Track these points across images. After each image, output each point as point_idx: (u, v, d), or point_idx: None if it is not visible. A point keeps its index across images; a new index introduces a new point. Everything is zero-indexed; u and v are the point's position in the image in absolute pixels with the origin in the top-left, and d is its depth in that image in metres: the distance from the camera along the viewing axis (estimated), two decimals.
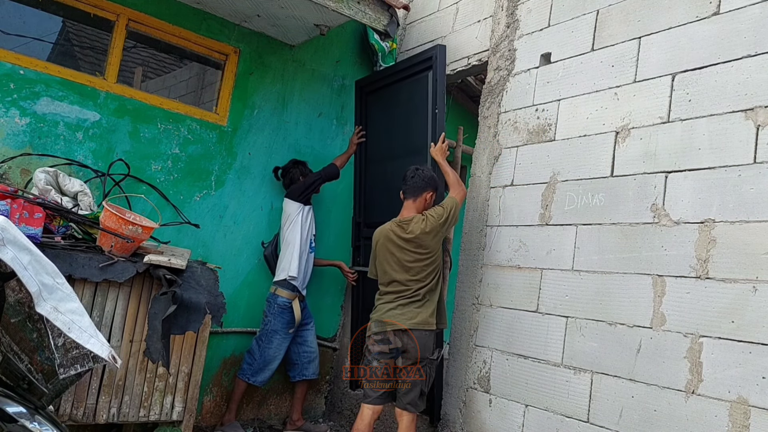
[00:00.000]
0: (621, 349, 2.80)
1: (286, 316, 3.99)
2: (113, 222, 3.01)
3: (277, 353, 4.00)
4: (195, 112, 4.07)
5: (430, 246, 3.29)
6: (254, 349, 4.03)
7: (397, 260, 3.29)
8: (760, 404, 2.31)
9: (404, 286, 3.27)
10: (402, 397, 3.25)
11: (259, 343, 4.02)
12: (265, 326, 4.01)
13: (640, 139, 2.91)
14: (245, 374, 4.02)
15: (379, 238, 3.40)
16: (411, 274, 3.27)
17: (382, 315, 3.28)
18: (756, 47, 2.55)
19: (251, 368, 4.00)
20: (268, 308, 4.03)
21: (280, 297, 3.99)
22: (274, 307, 3.99)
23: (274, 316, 3.99)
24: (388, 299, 3.31)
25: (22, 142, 3.45)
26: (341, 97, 4.74)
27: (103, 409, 3.01)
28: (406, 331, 3.20)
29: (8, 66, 3.40)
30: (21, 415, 2.03)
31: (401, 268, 3.28)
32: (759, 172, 2.46)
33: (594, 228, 3.04)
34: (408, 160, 3.85)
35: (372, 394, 3.28)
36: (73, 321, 2.11)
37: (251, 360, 4.02)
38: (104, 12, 3.74)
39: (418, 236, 3.26)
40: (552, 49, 3.47)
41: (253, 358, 4.02)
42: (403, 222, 3.35)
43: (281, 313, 3.98)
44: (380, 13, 3.96)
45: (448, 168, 3.61)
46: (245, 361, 4.06)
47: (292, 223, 4.06)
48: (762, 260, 2.40)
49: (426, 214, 3.35)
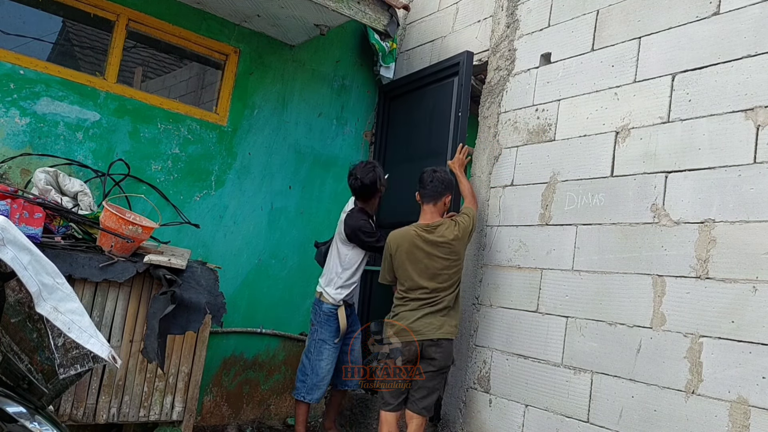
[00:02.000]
0: (621, 349, 2.80)
1: (333, 324, 3.75)
2: (113, 222, 3.01)
3: (330, 365, 3.74)
4: (195, 112, 4.07)
5: (460, 253, 3.28)
6: (305, 364, 3.77)
7: (425, 267, 3.22)
8: (760, 404, 2.31)
9: (431, 294, 3.20)
10: (418, 401, 3.22)
11: (308, 357, 3.76)
12: (313, 336, 3.76)
13: (640, 139, 2.91)
14: (300, 393, 3.75)
15: (400, 243, 3.29)
16: (438, 281, 3.21)
17: (409, 323, 3.19)
18: (756, 47, 2.55)
19: (305, 386, 3.73)
20: (314, 316, 3.80)
21: (326, 304, 3.75)
22: (320, 315, 3.76)
23: (320, 325, 3.74)
24: (413, 306, 3.22)
25: (22, 142, 3.45)
26: (341, 97, 4.74)
27: (103, 409, 3.01)
28: (433, 340, 3.16)
29: (8, 66, 3.40)
30: (21, 415, 2.03)
31: (429, 275, 3.21)
32: (759, 172, 2.46)
33: (594, 228, 3.04)
34: (427, 162, 3.93)
35: (392, 401, 3.23)
36: (73, 321, 2.11)
37: (303, 377, 3.75)
38: (104, 12, 3.74)
39: (450, 242, 3.23)
40: (552, 49, 3.47)
41: (305, 374, 3.74)
42: (430, 227, 3.28)
43: (327, 321, 3.74)
44: (380, 13, 3.97)
45: (465, 180, 3.63)
46: (298, 378, 3.80)
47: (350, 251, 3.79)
48: (762, 260, 2.39)
49: (455, 219, 3.32)
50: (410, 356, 3.19)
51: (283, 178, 4.42)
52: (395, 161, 4.52)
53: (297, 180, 4.49)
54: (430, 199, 3.36)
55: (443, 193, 3.37)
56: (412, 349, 3.17)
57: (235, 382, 4.24)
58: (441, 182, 3.37)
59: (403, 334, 3.20)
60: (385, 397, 3.27)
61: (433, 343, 3.17)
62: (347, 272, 3.76)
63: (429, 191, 3.36)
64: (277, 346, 4.43)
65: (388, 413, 3.24)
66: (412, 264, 3.24)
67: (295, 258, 4.48)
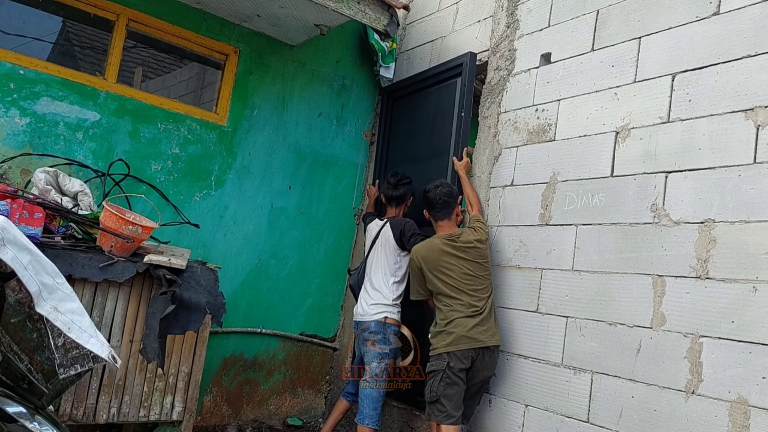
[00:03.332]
0: (621, 349, 2.80)
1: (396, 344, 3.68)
2: (113, 222, 3.01)
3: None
4: (195, 112, 4.07)
5: (487, 256, 3.31)
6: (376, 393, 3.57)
7: (463, 272, 3.20)
8: (760, 404, 2.31)
9: (476, 300, 3.17)
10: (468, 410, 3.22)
11: (378, 384, 3.57)
12: (382, 361, 3.59)
13: (640, 139, 2.91)
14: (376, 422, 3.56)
15: (427, 255, 3.27)
16: (477, 285, 3.20)
17: (467, 331, 3.11)
18: (756, 47, 2.55)
19: (377, 412, 3.56)
20: (382, 340, 3.62)
21: (393, 325, 3.64)
22: (391, 338, 3.63)
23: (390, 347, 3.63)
24: (466, 313, 3.15)
25: (22, 142, 3.45)
26: (341, 97, 4.74)
27: (103, 409, 3.01)
28: (490, 348, 3.15)
29: (8, 66, 3.40)
30: (21, 415, 2.03)
31: (469, 279, 3.20)
32: (759, 172, 2.46)
33: (594, 228, 3.04)
34: (430, 163, 3.98)
35: (456, 413, 3.09)
36: (73, 321, 2.11)
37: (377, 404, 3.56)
38: (104, 12, 3.74)
39: (477, 244, 3.25)
40: (552, 49, 3.47)
41: (378, 401, 3.57)
42: (453, 236, 3.30)
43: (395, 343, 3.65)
44: (380, 13, 3.97)
45: (470, 184, 3.67)
46: (370, 406, 3.55)
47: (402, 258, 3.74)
48: (762, 260, 2.39)
49: (473, 225, 3.37)
50: (467, 365, 3.11)
51: (283, 178, 4.42)
52: (397, 162, 4.52)
53: (297, 180, 4.49)
54: (444, 216, 3.42)
55: (453, 205, 3.44)
56: (470, 357, 3.11)
57: (235, 382, 4.24)
58: (449, 196, 3.41)
59: (463, 341, 3.10)
60: (448, 409, 3.07)
61: (489, 351, 3.16)
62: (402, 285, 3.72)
63: (441, 211, 3.40)
64: (277, 346, 4.43)
65: (450, 426, 3.08)
66: (447, 271, 3.23)
67: (295, 258, 4.49)
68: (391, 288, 3.70)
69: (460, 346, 3.10)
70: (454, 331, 3.14)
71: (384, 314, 3.64)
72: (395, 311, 3.69)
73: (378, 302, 3.69)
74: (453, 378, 3.08)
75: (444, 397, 3.07)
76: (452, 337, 3.13)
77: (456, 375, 3.08)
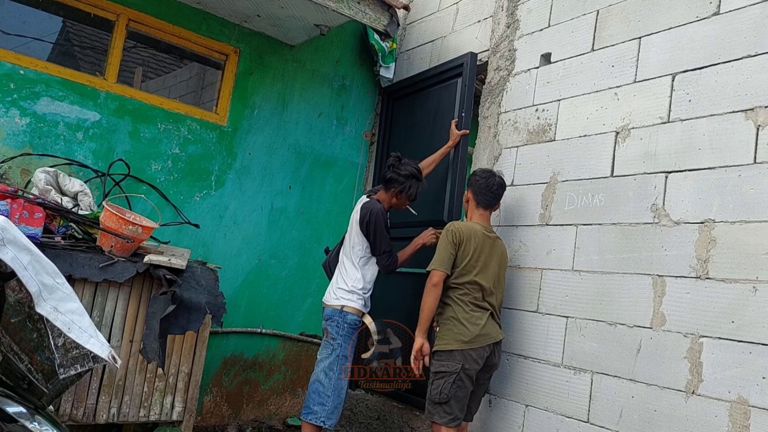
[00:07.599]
0: (621, 349, 2.80)
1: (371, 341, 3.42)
2: (113, 222, 3.01)
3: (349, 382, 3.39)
4: (195, 112, 4.08)
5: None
6: (324, 384, 3.28)
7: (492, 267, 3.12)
8: (760, 404, 2.31)
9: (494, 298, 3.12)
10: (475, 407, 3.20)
11: (328, 375, 3.28)
12: (334, 351, 3.30)
13: (640, 139, 2.91)
14: (319, 417, 3.25)
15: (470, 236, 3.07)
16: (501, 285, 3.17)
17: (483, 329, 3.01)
18: (756, 47, 2.55)
19: (325, 408, 3.25)
20: (336, 329, 3.31)
21: (350, 314, 3.32)
22: (344, 328, 3.31)
23: (344, 339, 3.30)
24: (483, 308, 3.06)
25: (22, 142, 3.45)
26: (341, 97, 4.74)
27: (103, 409, 3.01)
28: (498, 342, 3.09)
29: (8, 66, 3.40)
30: (21, 415, 2.03)
31: (495, 279, 3.13)
32: (759, 172, 2.46)
33: (594, 228, 3.04)
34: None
35: (460, 414, 3.02)
36: (73, 321, 2.11)
37: (323, 399, 3.27)
38: (104, 12, 3.74)
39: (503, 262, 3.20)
40: (552, 49, 3.47)
41: (324, 395, 3.27)
42: (490, 230, 3.19)
43: (351, 334, 3.34)
44: (380, 13, 3.97)
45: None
46: (313, 401, 3.28)
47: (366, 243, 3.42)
48: (762, 260, 2.39)
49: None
50: (481, 365, 3.03)
51: (283, 178, 4.42)
52: None
53: (297, 180, 4.49)
54: (489, 204, 3.23)
55: (500, 198, 3.30)
56: (484, 355, 3.03)
57: (235, 382, 4.24)
58: (501, 188, 3.26)
59: (484, 338, 3.01)
60: (455, 411, 2.99)
61: (498, 344, 3.10)
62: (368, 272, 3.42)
63: (492, 197, 3.22)
64: (277, 346, 4.43)
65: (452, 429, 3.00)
66: (485, 260, 3.08)
67: (295, 258, 4.49)
68: (351, 273, 3.37)
69: (475, 344, 2.98)
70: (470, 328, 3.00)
71: (341, 302, 3.32)
72: (355, 298, 3.33)
73: (339, 287, 3.38)
74: (465, 381, 2.99)
75: (453, 399, 2.98)
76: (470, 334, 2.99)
77: (468, 377, 3.00)
